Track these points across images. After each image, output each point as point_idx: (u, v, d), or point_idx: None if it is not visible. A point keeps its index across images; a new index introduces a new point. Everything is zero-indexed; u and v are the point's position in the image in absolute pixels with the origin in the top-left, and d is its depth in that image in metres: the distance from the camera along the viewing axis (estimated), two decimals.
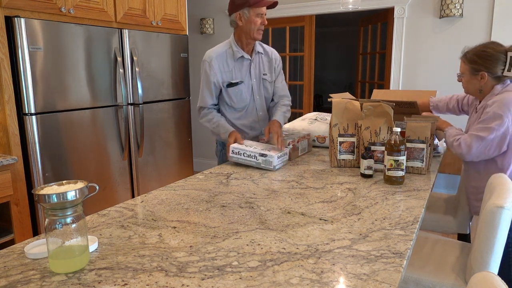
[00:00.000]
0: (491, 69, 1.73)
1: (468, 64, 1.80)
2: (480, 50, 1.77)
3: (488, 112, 1.68)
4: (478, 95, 1.84)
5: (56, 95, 2.46)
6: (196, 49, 5.01)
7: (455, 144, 1.76)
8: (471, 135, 1.71)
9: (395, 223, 1.22)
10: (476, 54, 1.77)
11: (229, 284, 0.88)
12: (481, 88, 1.79)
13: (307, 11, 4.26)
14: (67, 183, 0.98)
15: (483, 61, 1.74)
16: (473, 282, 0.82)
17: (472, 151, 1.70)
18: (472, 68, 1.78)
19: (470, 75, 1.80)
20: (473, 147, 1.69)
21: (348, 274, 0.92)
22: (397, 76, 3.88)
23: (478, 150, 1.69)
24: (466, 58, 1.81)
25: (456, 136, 1.79)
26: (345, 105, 1.88)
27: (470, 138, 1.71)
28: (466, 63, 1.81)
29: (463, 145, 1.72)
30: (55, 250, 0.93)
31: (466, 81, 1.84)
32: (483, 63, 1.74)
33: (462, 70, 1.85)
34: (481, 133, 1.68)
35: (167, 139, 3.31)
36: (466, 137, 1.73)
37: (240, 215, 1.29)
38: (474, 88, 1.82)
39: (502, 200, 1.25)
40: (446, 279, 1.47)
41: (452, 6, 3.46)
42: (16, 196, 2.31)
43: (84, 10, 2.61)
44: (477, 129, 1.70)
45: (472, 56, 1.78)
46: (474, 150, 1.70)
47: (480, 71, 1.76)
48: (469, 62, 1.79)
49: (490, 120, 1.67)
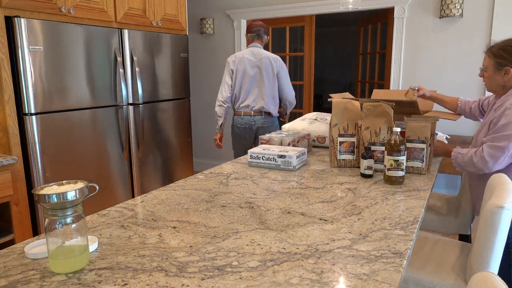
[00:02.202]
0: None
1: (493, 59, 1.74)
2: (507, 44, 1.71)
3: (507, 116, 1.62)
4: (500, 91, 1.78)
5: (56, 95, 2.46)
6: (196, 49, 5.01)
7: (476, 159, 1.67)
8: (494, 147, 1.63)
9: (395, 223, 1.22)
10: (502, 48, 1.71)
11: (229, 284, 0.88)
12: (504, 84, 1.74)
13: (307, 11, 4.26)
14: (67, 183, 0.98)
15: (509, 56, 1.69)
16: (473, 282, 0.82)
17: (498, 162, 1.63)
18: (497, 62, 1.73)
19: (494, 70, 1.75)
20: (499, 158, 1.62)
21: (348, 274, 0.92)
22: (397, 76, 3.88)
23: (503, 159, 1.63)
24: (491, 52, 1.75)
25: (470, 153, 1.71)
26: (345, 105, 1.88)
27: (493, 149, 1.63)
28: (491, 57, 1.76)
29: (487, 157, 1.64)
30: (55, 250, 0.93)
31: (488, 76, 1.78)
32: (509, 58, 1.69)
33: (485, 64, 1.79)
34: (503, 143, 1.61)
35: (167, 139, 3.32)
36: (488, 149, 1.65)
37: (240, 215, 1.29)
38: (496, 83, 1.77)
39: (502, 200, 1.25)
40: (446, 279, 1.47)
41: (452, 6, 3.45)
42: (16, 196, 2.31)
43: (84, 10, 2.61)
44: (498, 139, 1.63)
45: (498, 51, 1.72)
46: (501, 160, 1.63)
47: (505, 66, 1.70)
48: (494, 56, 1.73)
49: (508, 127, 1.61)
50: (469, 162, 1.71)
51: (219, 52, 4.85)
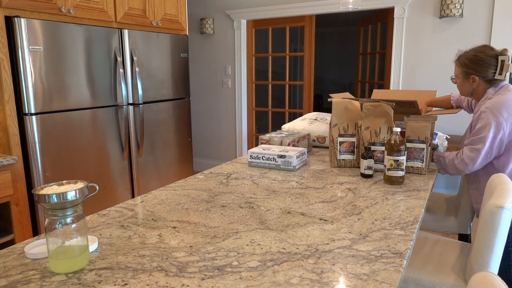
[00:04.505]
0: (482, 73, 1.79)
1: (460, 68, 1.87)
2: (471, 54, 1.83)
3: (482, 119, 1.72)
4: (471, 96, 1.92)
5: (56, 95, 2.46)
6: (196, 49, 5.01)
7: (457, 161, 1.77)
8: (472, 149, 1.73)
9: (395, 223, 1.22)
10: (468, 58, 1.83)
11: (229, 284, 0.88)
12: (473, 90, 1.86)
13: (307, 11, 4.26)
14: (67, 183, 0.98)
15: (474, 65, 1.80)
16: (473, 282, 0.82)
17: (477, 164, 1.73)
18: (464, 71, 1.85)
19: (463, 78, 1.87)
20: (477, 160, 1.72)
21: (348, 274, 0.92)
22: (397, 76, 3.88)
23: (481, 160, 1.72)
24: (459, 62, 1.88)
25: (451, 155, 1.81)
26: (345, 105, 1.88)
27: (471, 152, 1.73)
28: (459, 66, 1.88)
29: (466, 160, 1.74)
30: (55, 250, 0.93)
31: (459, 84, 1.91)
32: (474, 67, 1.80)
33: (456, 73, 1.92)
34: (479, 145, 1.71)
35: (167, 139, 3.32)
36: (467, 152, 1.74)
37: (240, 215, 1.29)
38: (467, 90, 1.89)
39: (502, 200, 1.25)
40: (446, 279, 1.47)
41: (452, 6, 3.45)
42: (16, 196, 2.31)
43: (84, 10, 2.61)
44: (475, 141, 1.73)
45: (464, 60, 1.84)
46: (479, 162, 1.73)
47: (471, 75, 1.82)
48: (461, 66, 1.86)
49: (483, 129, 1.70)
50: (450, 164, 1.81)
51: (219, 52, 4.85)
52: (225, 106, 4.95)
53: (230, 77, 4.84)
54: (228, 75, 4.84)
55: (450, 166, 1.81)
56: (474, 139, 1.73)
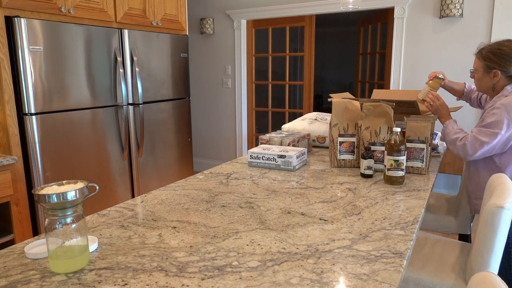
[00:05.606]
0: (505, 68, 1.72)
1: (482, 61, 1.78)
2: (495, 47, 1.75)
3: (494, 114, 1.67)
4: (490, 93, 1.83)
5: (56, 95, 2.46)
6: (196, 49, 5.01)
7: (459, 144, 1.75)
8: (477, 140, 1.70)
9: (395, 223, 1.22)
10: (491, 51, 1.75)
11: (229, 284, 0.88)
12: (494, 86, 1.78)
13: (307, 11, 4.26)
14: (67, 183, 0.98)
15: (497, 58, 1.73)
16: (473, 282, 0.82)
17: (476, 155, 1.71)
18: (485, 65, 1.77)
19: (483, 72, 1.79)
20: (478, 151, 1.70)
21: (348, 274, 0.92)
22: (397, 76, 3.88)
23: (482, 153, 1.70)
24: (481, 55, 1.79)
25: (458, 135, 1.78)
26: (345, 105, 1.88)
27: (476, 141, 1.70)
28: (480, 59, 1.80)
29: (469, 147, 1.72)
30: (55, 250, 0.93)
31: (478, 78, 1.83)
32: (497, 61, 1.73)
33: (475, 67, 1.83)
34: (486, 138, 1.67)
35: (167, 139, 3.32)
36: (472, 140, 1.71)
37: (240, 215, 1.29)
38: (486, 85, 1.81)
39: (502, 200, 1.25)
40: (446, 279, 1.47)
41: (452, 6, 3.45)
42: (16, 196, 2.31)
43: (84, 10, 2.61)
44: (483, 133, 1.69)
45: (487, 53, 1.76)
46: (479, 153, 1.71)
47: (493, 69, 1.74)
48: (484, 59, 1.78)
49: (495, 125, 1.66)
50: (453, 140, 1.78)
51: (219, 52, 4.85)
52: (225, 106, 4.95)
53: (230, 77, 4.84)
54: (228, 75, 4.84)
55: (452, 141, 1.78)
56: (483, 131, 1.69)
